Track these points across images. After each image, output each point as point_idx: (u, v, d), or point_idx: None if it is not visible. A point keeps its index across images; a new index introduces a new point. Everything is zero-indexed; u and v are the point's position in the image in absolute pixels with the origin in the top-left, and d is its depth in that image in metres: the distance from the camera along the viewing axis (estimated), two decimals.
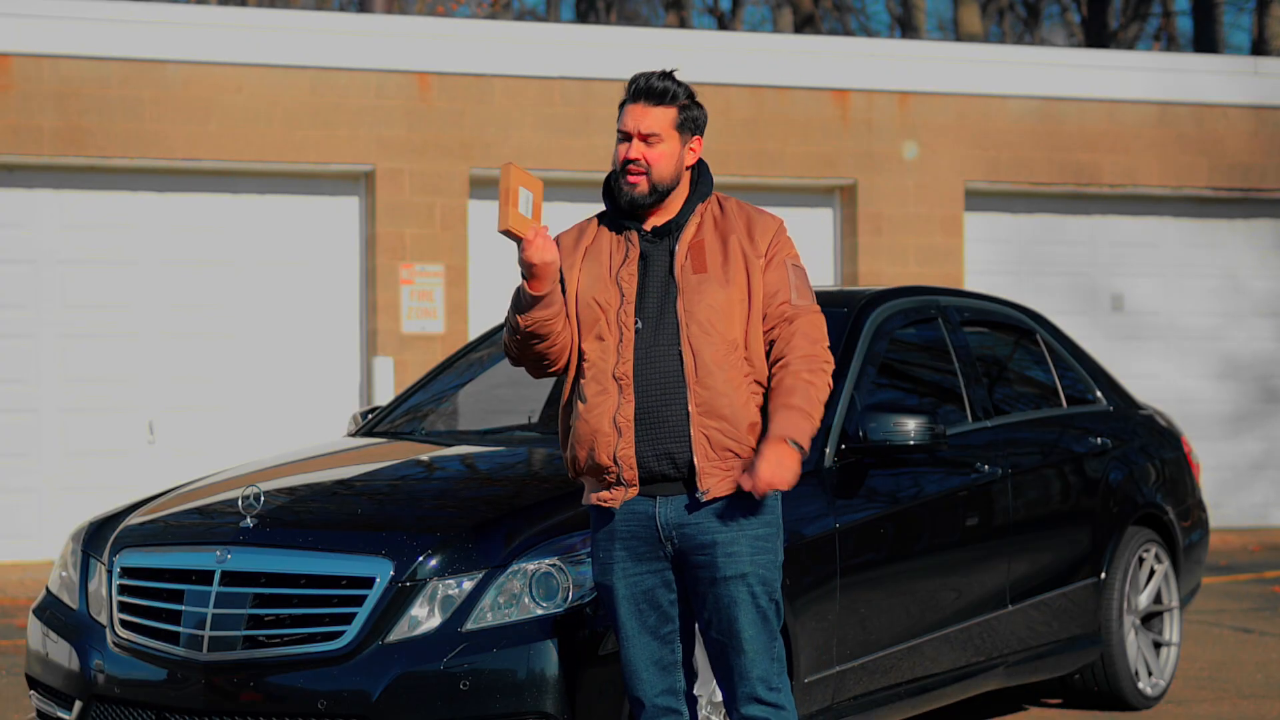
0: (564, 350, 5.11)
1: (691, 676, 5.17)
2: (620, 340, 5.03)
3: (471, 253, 14.54)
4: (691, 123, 5.11)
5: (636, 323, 5.03)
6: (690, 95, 5.12)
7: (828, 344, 5.09)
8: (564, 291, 5.13)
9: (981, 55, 16.29)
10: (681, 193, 5.14)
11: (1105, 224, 16.40)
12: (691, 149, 5.12)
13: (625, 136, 5.08)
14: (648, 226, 5.11)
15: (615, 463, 5.02)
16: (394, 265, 14.21)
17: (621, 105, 5.12)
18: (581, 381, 5.08)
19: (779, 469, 4.90)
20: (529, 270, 5.00)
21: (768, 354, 5.07)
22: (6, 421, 13.78)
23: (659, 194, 5.08)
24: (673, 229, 5.10)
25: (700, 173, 5.19)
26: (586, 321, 5.09)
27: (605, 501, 5.08)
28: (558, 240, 5.19)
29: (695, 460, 4.96)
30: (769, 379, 5.05)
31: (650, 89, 5.06)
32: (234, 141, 13.92)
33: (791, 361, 5.03)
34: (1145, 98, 16.08)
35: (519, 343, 5.11)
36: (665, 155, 5.06)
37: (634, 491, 5.03)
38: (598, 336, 5.06)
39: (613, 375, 5.02)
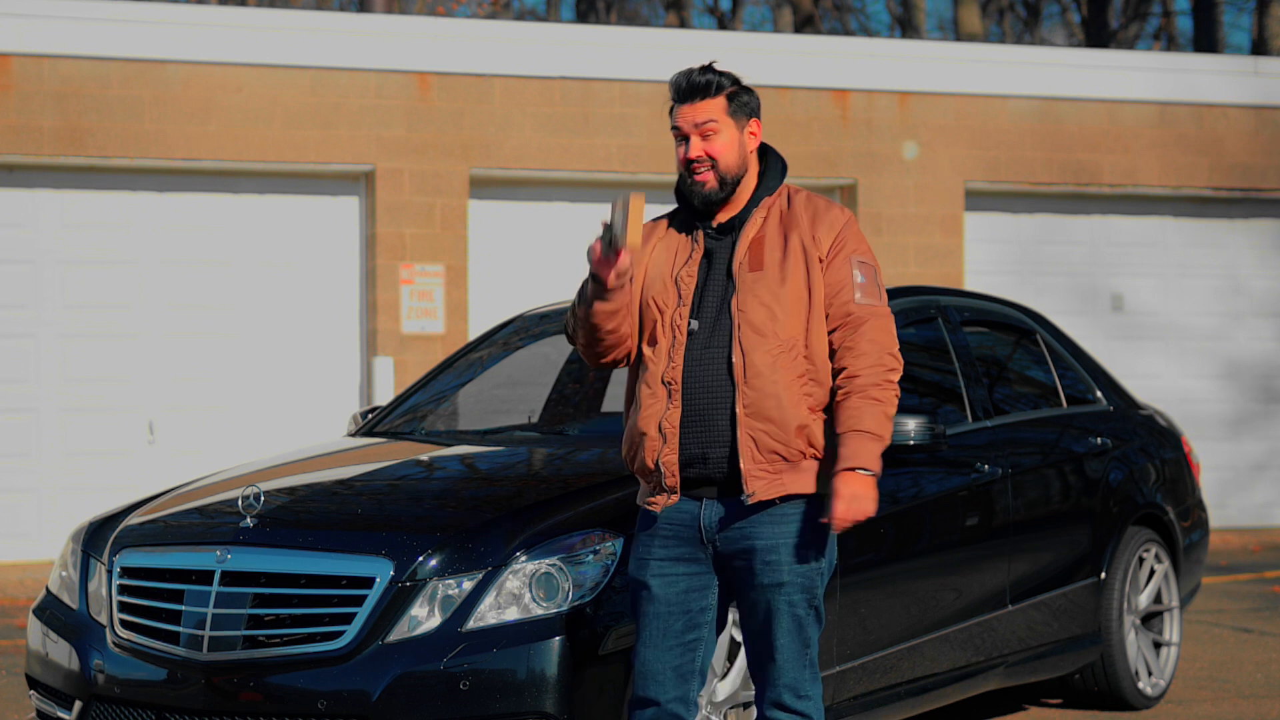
0: (620, 344, 5.08)
1: (704, 680, 5.16)
2: (673, 344, 5.00)
3: (471, 253, 14.54)
4: (744, 107, 5.05)
5: (691, 324, 5.00)
6: (736, 81, 5.05)
7: (896, 347, 5.00)
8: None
9: (981, 55, 16.29)
10: (750, 184, 5.08)
11: (1105, 224, 16.40)
12: (751, 133, 5.06)
13: (682, 136, 5.03)
14: (716, 223, 5.07)
15: (658, 468, 5.00)
16: (394, 265, 14.21)
17: (672, 109, 5.07)
18: (638, 383, 5.07)
19: (855, 503, 4.87)
20: (607, 276, 4.92)
21: (833, 353, 4.98)
22: (6, 421, 13.78)
23: (729, 185, 5.03)
24: (736, 225, 5.06)
25: (768, 164, 5.12)
26: (646, 323, 5.07)
27: (651, 506, 5.06)
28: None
29: (741, 463, 4.91)
30: (835, 382, 4.97)
31: (694, 86, 5.01)
32: (234, 141, 13.92)
33: (859, 375, 4.94)
34: (1145, 98, 16.08)
35: (581, 328, 5.07)
36: (727, 144, 5.01)
37: (675, 498, 5.01)
38: (653, 339, 5.04)
39: (662, 380, 4.99)
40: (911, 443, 6.44)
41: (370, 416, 7.66)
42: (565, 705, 5.45)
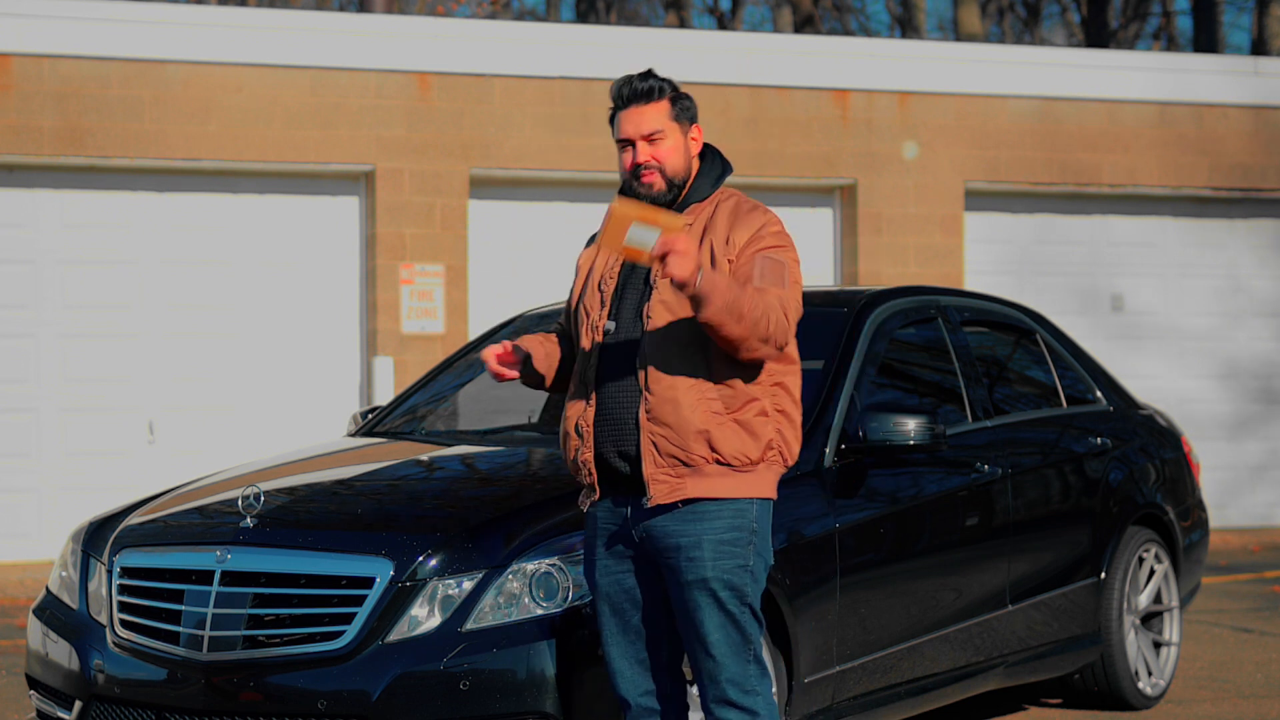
0: (550, 375, 5.30)
1: (682, 677, 5.17)
2: (593, 345, 5.09)
3: (471, 253, 14.54)
4: (686, 112, 5.17)
5: (608, 326, 5.07)
6: (674, 86, 5.17)
7: (782, 316, 4.89)
8: (572, 299, 5.26)
9: (981, 55, 16.29)
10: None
11: (1105, 224, 16.40)
12: (693, 138, 5.17)
13: (627, 143, 5.14)
14: None
15: (579, 466, 5.08)
16: (394, 265, 14.21)
17: (613, 116, 5.19)
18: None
19: (681, 257, 4.72)
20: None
21: None
22: (6, 421, 13.78)
23: (676, 187, 5.12)
24: None
25: (704, 171, 5.20)
26: (579, 327, 5.18)
27: (582, 505, 5.17)
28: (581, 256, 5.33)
29: (644, 466, 4.97)
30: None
31: (637, 91, 5.13)
32: (234, 141, 13.92)
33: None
34: (1145, 98, 16.08)
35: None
36: (673, 149, 5.12)
37: (596, 496, 5.08)
38: (582, 342, 5.14)
39: (582, 380, 5.09)
40: (911, 443, 6.44)
41: (370, 416, 7.66)
42: (565, 705, 5.45)
